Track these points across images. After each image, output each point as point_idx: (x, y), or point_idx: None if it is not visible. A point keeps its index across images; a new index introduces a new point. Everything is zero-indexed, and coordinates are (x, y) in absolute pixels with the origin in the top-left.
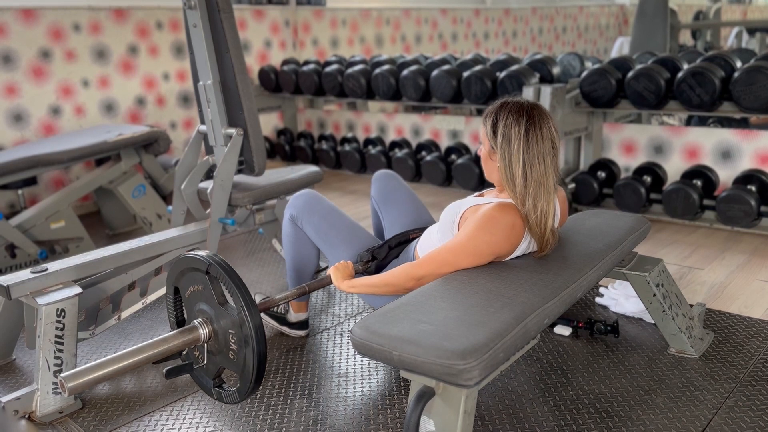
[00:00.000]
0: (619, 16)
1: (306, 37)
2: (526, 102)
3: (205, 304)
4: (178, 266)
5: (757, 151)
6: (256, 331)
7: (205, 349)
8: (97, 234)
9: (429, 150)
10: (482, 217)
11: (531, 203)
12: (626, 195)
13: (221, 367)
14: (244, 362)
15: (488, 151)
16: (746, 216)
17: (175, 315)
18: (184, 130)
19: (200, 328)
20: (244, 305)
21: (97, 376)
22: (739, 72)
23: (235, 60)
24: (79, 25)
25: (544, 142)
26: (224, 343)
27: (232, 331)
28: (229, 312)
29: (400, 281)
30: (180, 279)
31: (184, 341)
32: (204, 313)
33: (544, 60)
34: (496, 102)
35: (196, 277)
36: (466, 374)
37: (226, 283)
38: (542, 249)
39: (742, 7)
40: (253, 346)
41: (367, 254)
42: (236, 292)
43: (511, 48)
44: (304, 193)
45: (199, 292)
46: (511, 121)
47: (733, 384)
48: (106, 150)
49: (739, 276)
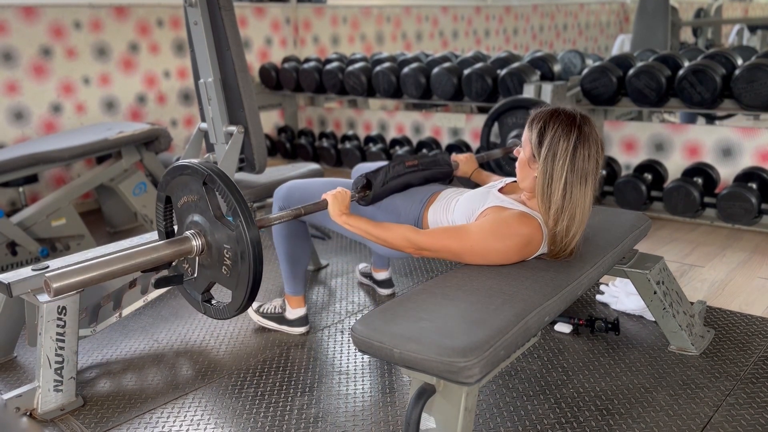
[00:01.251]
0: (620, 13)
1: (307, 34)
2: (579, 114)
3: (199, 215)
4: (172, 173)
5: (758, 148)
6: (254, 247)
7: (196, 263)
8: (98, 232)
9: (430, 147)
10: (501, 224)
11: (565, 224)
12: (627, 192)
13: (211, 282)
14: (239, 278)
15: (528, 158)
16: (747, 213)
17: (164, 225)
18: (185, 128)
19: (193, 240)
20: (244, 219)
21: (85, 278)
22: (740, 69)
23: (236, 57)
24: (79, 22)
25: (590, 161)
26: (217, 258)
27: (228, 245)
28: (226, 226)
29: (398, 242)
30: (174, 188)
31: (175, 251)
32: (197, 225)
33: (545, 57)
34: (545, 107)
35: (192, 187)
36: (467, 372)
37: (225, 196)
38: (555, 258)
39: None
40: (250, 262)
41: (362, 179)
42: (236, 207)
43: (512, 45)
44: (283, 186)
45: (193, 203)
46: (561, 133)
47: (734, 381)
48: (107, 148)
49: (740, 273)
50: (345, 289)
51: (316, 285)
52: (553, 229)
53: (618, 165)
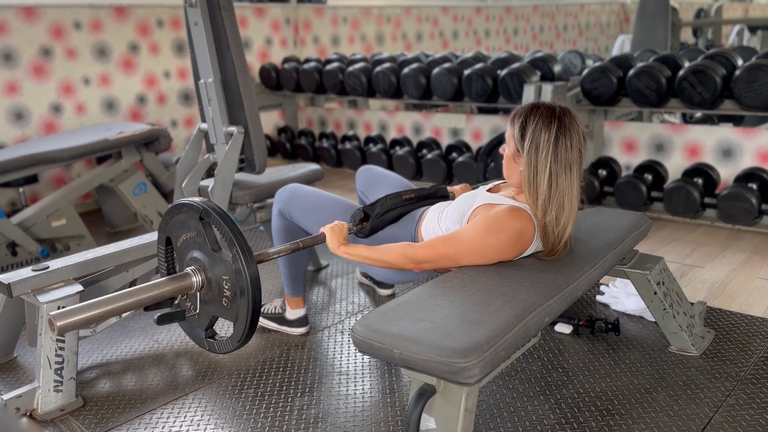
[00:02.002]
0: (621, 13)
1: (307, 35)
2: (558, 107)
3: (198, 251)
4: (170, 214)
5: (758, 149)
6: (251, 278)
7: (197, 298)
8: (98, 232)
9: (430, 148)
10: (492, 219)
11: (554, 214)
12: (627, 193)
13: (214, 317)
14: (239, 311)
15: (513, 153)
16: (747, 214)
17: (166, 267)
18: (185, 128)
19: (193, 276)
20: (240, 252)
21: (88, 315)
22: (740, 70)
23: (236, 58)
24: (80, 23)
25: (572, 151)
26: (217, 291)
27: (226, 277)
28: (223, 258)
29: (397, 261)
30: (172, 228)
31: (176, 287)
32: (197, 261)
33: (546, 58)
34: (526, 103)
35: (189, 224)
36: (467, 372)
37: (221, 229)
38: (550, 254)
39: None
40: (249, 293)
41: (359, 212)
42: (231, 237)
43: (512, 46)
44: (286, 187)
45: (191, 239)
46: (542, 126)
47: (734, 382)
48: (107, 148)
49: (740, 274)
50: (345, 290)
51: (317, 285)
52: (543, 219)
53: (618, 165)
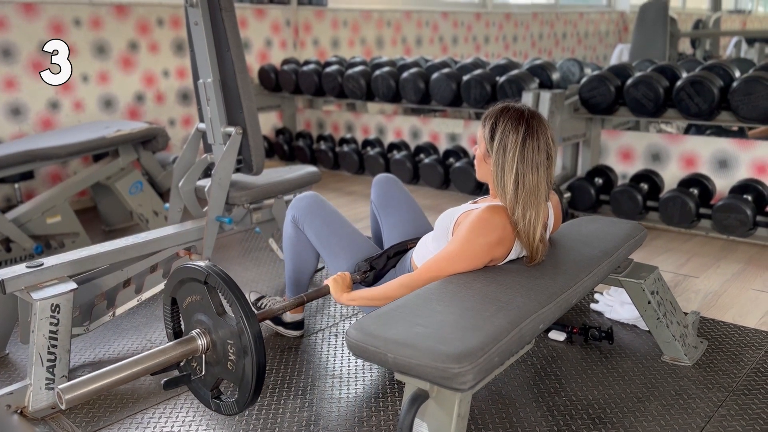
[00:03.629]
0: (619, 23)
1: (307, 37)
2: (527, 110)
3: (203, 314)
4: (176, 276)
5: (754, 160)
6: (255, 341)
7: (203, 360)
8: (93, 230)
9: (427, 152)
10: (474, 220)
11: (520, 212)
12: (623, 202)
13: (219, 378)
14: (243, 373)
15: (483, 153)
16: (742, 225)
17: (172, 326)
18: (183, 128)
19: (198, 339)
20: (243, 316)
21: (95, 387)
22: (737, 82)
23: (236, 59)
24: (79, 20)
25: (539, 153)
26: (222, 354)
27: (231, 341)
28: (228, 322)
29: (400, 293)
30: (178, 289)
31: (182, 352)
32: (202, 324)
33: (544, 65)
34: (497, 105)
35: (194, 287)
36: (461, 378)
37: (225, 294)
38: (533, 258)
39: (741, 16)
40: (253, 356)
41: (365, 264)
42: (235, 303)
43: (511, 52)
44: (308, 195)
45: (197, 302)
46: (510, 127)
47: (726, 393)
48: (104, 146)
49: (734, 285)
50: None
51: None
52: (513, 217)
53: (614, 174)
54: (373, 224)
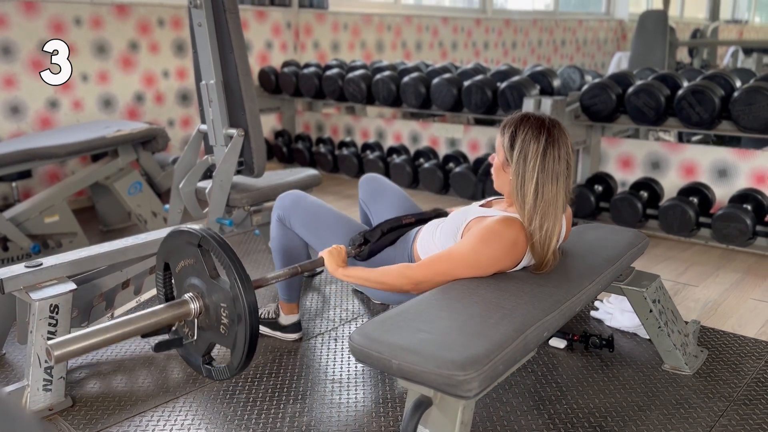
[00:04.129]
0: (618, 30)
1: (307, 39)
2: (548, 118)
3: (196, 278)
4: (169, 241)
5: (754, 170)
6: (250, 311)
7: (195, 325)
8: (91, 230)
9: (427, 157)
10: (485, 230)
11: (538, 222)
12: (623, 209)
13: (211, 343)
14: (236, 336)
15: (502, 162)
16: (742, 235)
17: (164, 292)
18: (182, 128)
19: (191, 303)
20: (237, 277)
21: (86, 345)
22: (738, 92)
23: (239, 61)
24: (80, 19)
25: (560, 163)
26: (215, 318)
27: (224, 304)
28: (221, 285)
29: (396, 282)
30: (171, 254)
31: (174, 314)
32: (195, 288)
33: (545, 72)
34: (516, 113)
35: (188, 251)
36: (466, 385)
37: (219, 256)
38: (541, 268)
39: (738, 26)
40: (246, 318)
41: (359, 237)
42: (229, 264)
43: (510, 59)
44: (290, 193)
45: (190, 266)
46: (531, 136)
47: (727, 402)
48: (103, 146)
49: (733, 294)
50: (339, 297)
51: (310, 291)
52: (529, 228)
53: (614, 181)
54: (363, 219)
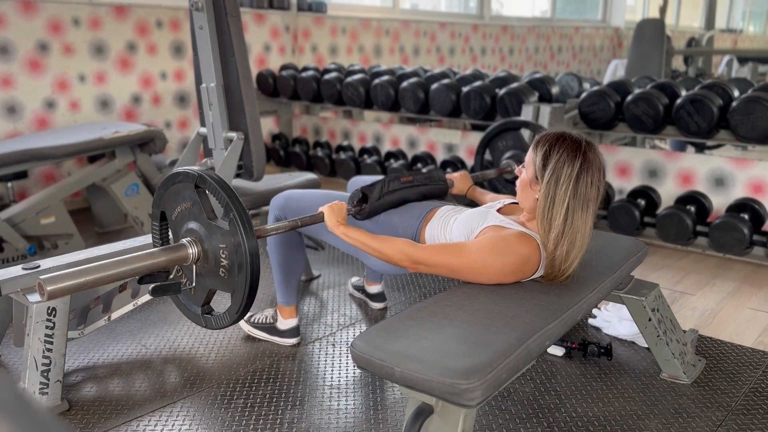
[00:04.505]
0: (614, 38)
1: (305, 43)
2: (584, 140)
3: (193, 222)
4: (164, 186)
5: (751, 179)
6: (251, 256)
7: (193, 272)
8: (86, 231)
9: (425, 162)
10: (500, 241)
11: (564, 249)
12: (621, 217)
13: (211, 291)
14: (236, 285)
15: (531, 179)
16: (739, 244)
17: (161, 243)
18: (179, 130)
19: (189, 247)
20: (241, 225)
21: (79, 281)
22: (737, 101)
23: (240, 64)
24: (78, 19)
25: (592, 188)
26: (214, 263)
27: (223, 245)
28: (220, 227)
29: (396, 256)
30: (166, 201)
31: (171, 258)
32: (193, 233)
33: (544, 79)
34: (551, 130)
35: (184, 194)
36: (469, 394)
37: (217, 194)
38: (550, 280)
39: (732, 36)
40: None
41: (358, 193)
42: (227, 201)
43: (507, 65)
44: (282, 194)
45: (186, 210)
46: (566, 158)
47: (725, 412)
48: (101, 147)
49: (730, 303)
50: (337, 301)
51: (308, 296)
52: (553, 252)
53: (612, 189)
54: None
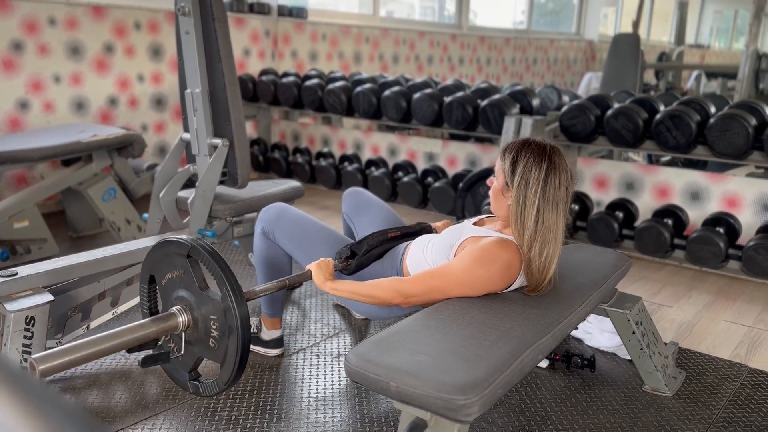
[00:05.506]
0: (587, 51)
1: (285, 48)
2: (549, 145)
3: (184, 290)
4: (156, 252)
5: (725, 194)
6: (243, 322)
7: (182, 339)
8: (60, 235)
9: (406, 171)
10: (481, 251)
11: (538, 249)
12: (599, 229)
13: (199, 358)
14: (227, 349)
15: (502, 186)
16: (715, 257)
17: (149, 306)
18: (155, 134)
19: (179, 316)
20: (230, 288)
21: (70, 359)
22: (715, 118)
23: (227, 70)
24: (54, 19)
25: (560, 189)
26: (204, 331)
27: (214, 317)
28: (212, 297)
29: (386, 296)
30: (157, 266)
31: (161, 328)
32: (183, 300)
33: (525, 91)
34: (516, 139)
35: (176, 262)
36: (466, 410)
37: (210, 266)
38: (535, 290)
39: (700, 51)
40: (239, 337)
41: (346, 250)
42: (221, 275)
43: (484, 75)
44: (274, 206)
45: (177, 278)
46: (532, 162)
47: (707, 424)
48: (79, 150)
49: (706, 315)
50: (319, 311)
51: (290, 305)
52: (528, 253)
53: (590, 201)
54: (346, 233)
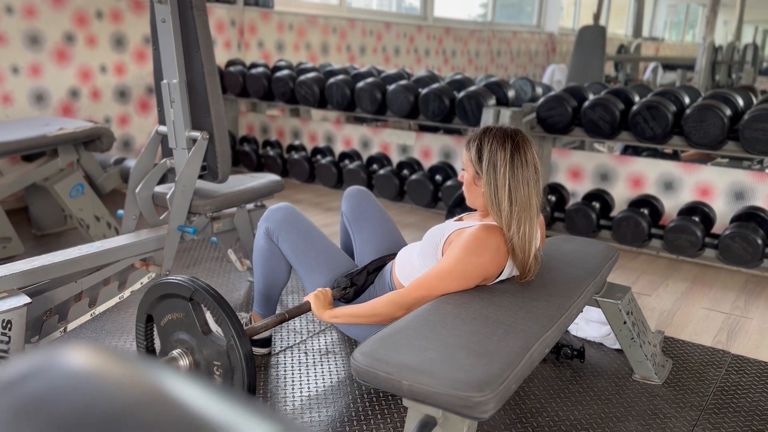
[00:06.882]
0: (548, 43)
1: (252, 38)
2: (509, 128)
3: (185, 333)
4: (154, 292)
5: (698, 183)
6: (247, 361)
7: None
8: (24, 233)
9: (381, 163)
10: (469, 239)
11: (515, 226)
12: (577, 220)
13: None
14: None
15: (473, 176)
16: (692, 246)
17: (145, 345)
18: (119, 127)
19: (180, 360)
20: (235, 334)
21: None
22: (690, 109)
23: (206, 60)
24: (12, 7)
25: (528, 167)
26: (206, 375)
27: (218, 362)
28: (214, 341)
29: (387, 310)
30: (155, 306)
31: None
32: (183, 343)
33: (500, 83)
34: (477, 128)
35: (177, 304)
36: (483, 407)
37: (215, 311)
38: (525, 275)
39: (655, 43)
40: (244, 376)
41: (345, 280)
42: (226, 321)
43: (450, 66)
44: (282, 207)
45: (178, 320)
46: (497, 146)
47: (698, 411)
48: (45, 145)
49: (684, 303)
50: None
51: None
52: (508, 234)
53: (567, 192)
54: (344, 237)
